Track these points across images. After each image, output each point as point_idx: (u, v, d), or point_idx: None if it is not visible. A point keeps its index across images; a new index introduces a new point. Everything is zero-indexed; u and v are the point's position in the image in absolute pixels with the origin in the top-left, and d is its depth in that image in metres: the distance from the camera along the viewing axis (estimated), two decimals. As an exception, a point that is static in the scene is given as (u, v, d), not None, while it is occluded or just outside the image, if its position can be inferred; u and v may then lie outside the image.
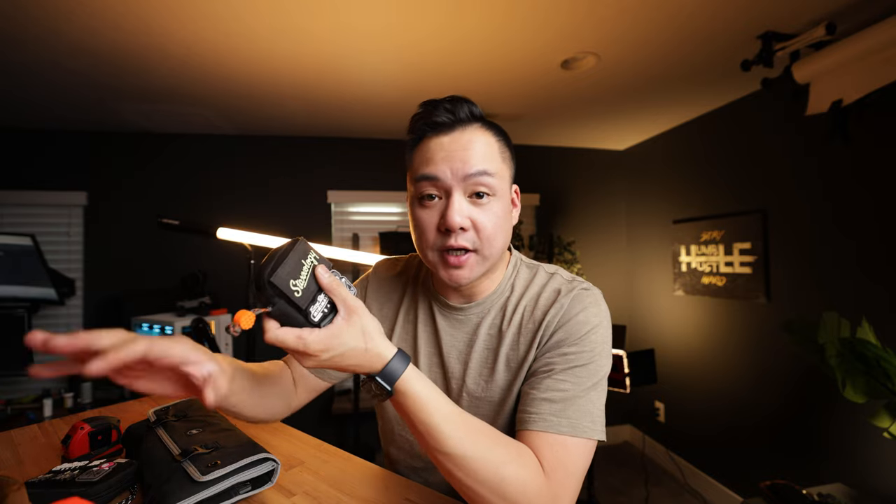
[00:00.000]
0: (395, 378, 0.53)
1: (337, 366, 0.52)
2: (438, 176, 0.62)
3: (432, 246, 0.65)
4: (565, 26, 1.59)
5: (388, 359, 0.53)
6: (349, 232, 2.98)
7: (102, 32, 1.59)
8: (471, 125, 0.65)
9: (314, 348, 0.48)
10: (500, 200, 0.65)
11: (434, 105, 0.65)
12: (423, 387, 0.54)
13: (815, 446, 1.94)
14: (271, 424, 0.94)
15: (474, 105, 0.66)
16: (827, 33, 1.51)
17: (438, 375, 0.73)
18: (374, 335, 0.52)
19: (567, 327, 0.63)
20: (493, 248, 0.65)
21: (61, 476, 0.63)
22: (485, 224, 0.63)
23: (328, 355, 0.50)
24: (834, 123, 1.75)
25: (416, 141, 0.67)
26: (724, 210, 2.44)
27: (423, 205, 0.65)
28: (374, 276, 0.84)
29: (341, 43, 1.70)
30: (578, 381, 0.60)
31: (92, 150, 2.68)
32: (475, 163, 0.62)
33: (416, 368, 0.55)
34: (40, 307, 2.51)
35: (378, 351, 0.52)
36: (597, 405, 0.61)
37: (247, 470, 0.64)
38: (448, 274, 0.65)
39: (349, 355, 0.51)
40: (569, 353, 0.62)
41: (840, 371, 1.44)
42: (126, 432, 0.80)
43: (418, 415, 0.53)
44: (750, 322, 2.28)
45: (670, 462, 2.81)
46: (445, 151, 0.63)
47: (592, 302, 0.65)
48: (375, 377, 0.53)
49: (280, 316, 0.49)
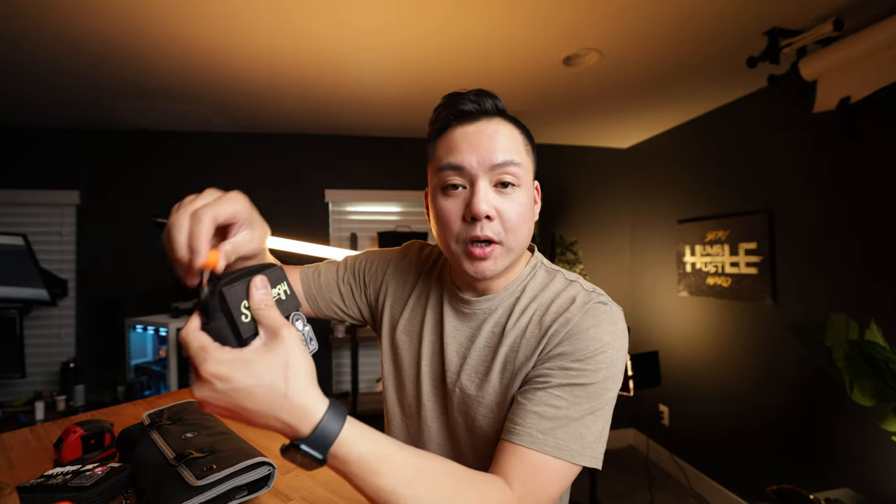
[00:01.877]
0: (329, 443, 0.41)
1: (237, 409, 0.39)
2: (464, 165, 0.62)
3: (457, 237, 0.64)
4: (567, 22, 1.59)
5: (317, 418, 0.40)
6: (347, 231, 2.98)
7: (102, 32, 1.60)
8: (496, 117, 0.65)
9: (210, 369, 0.37)
10: (524, 192, 0.64)
11: (459, 96, 0.65)
12: (370, 447, 0.44)
13: (823, 450, 1.94)
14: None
15: (498, 99, 0.66)
16: (834, 29, 1.51)
17: (437, 366, 0.73)
18: (300, 377, 0.40)
19: (574, 341, 0.60)
20: (518, 240, 0.64)
21: (53, 481, 0.63)
22: (510, 214, 0.62)
23: (226, 386, 0.38)
24: (842, 121, 1.74)
25: (439, 131, 0.67)
26: (729, 209, 2.44)
27: (446, 195, 0.65)
28: (400, 255, 0.84)
29: (340, 40, 1.71)
30: (575, 400, 0.57)
31: (87, 149, 2.69)
32: (501, 152, 0.62)
33: (355, 420, 0.44)
34: (32, 308, 2.52)
35: (303, 402, 0.40)
36: (592, 430, 0.57)
37: (243, 474, 0.64)
38: (473, 266, 0.64)
39: (258, 396, 0.38)
40: (570, 368, 0.59)
41: (848, 374, 1.44)
42: (119, 436, 0.79)
43: (367, 479, 0.43)
44: (756, 324, 2.27)
45: (674, 466, 2.81)
46: (470, 141, 0.63)
47: (608, 319, 0.62)
48: (300, 445, 0.40)
49: (214, 334, 0.40)
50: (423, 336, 0.74)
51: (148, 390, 2.36)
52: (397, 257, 0.84)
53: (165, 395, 1.14)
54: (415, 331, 0.76)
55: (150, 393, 2.35)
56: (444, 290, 0.75)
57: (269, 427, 0.40)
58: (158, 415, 0.81)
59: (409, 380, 0.75)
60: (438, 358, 0.72)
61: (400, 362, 0.77)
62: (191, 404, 0.87)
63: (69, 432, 0.78)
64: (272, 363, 0.39)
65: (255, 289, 0.42)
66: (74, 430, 0.79)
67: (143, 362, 2.44)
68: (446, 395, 0.71)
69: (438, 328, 0.73)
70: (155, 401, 1.09)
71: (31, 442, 0.87)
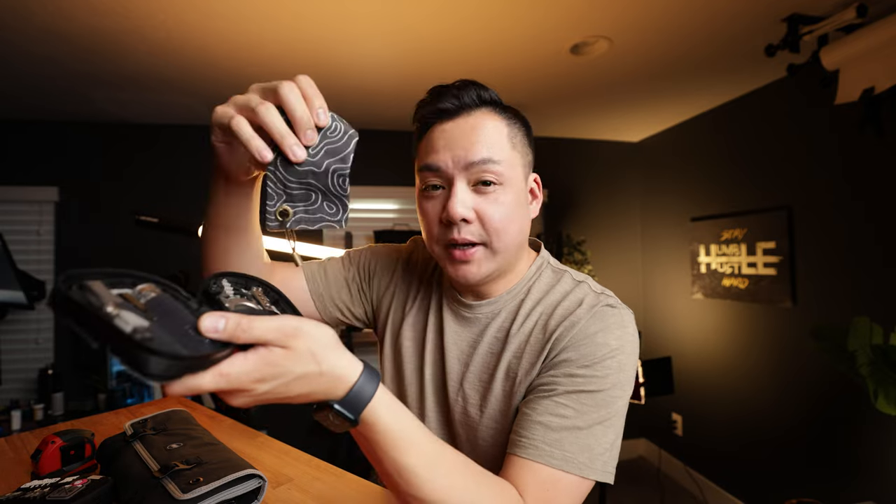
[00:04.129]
0: (362, 406, 0.43)
1: (282, 398, 0.42)
2: (439, 165, 0.62)
3: (437, 240, 0.65)
4: (575, 8, 1.59)
5: (351, 381, 0.43)
6: (342, 230, 2.98)
7: (76, 16, 1.59)
8: (477, 110, 0.64)
9: (242, 380, 0.38)
10: (509, 190, 0.63)
11: (441, 91, 0.65)
12: (397, 417, 0.46)
13: (845, 462, 1.94)
14: (257, 438, 0.93)
15: (485, 89, 0.65)
16: (857, 16, 1.50)
17: (439, 374, 0.72)
18: (328, 352, 0.42)
19: (581, 346, 0.59)
20: (504, 242, 0.63)
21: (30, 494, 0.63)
22: (491, 215, 0.62)
23: (266, 386, 0.39)
24: (865, 113, 1.74)
25: (422, 130, 0.67)
26: (746, 207, 2.44)
27: (426, 196, 0.65)
28: (407, 254, 0.83)
29: (334, 27, 1.70)
30: (583, 409, 0.57)
31: (64, 143, 2.68)
32: (478, 150, 0.61)
33: (387, 391, 0.47)
34: (8, 311, 2.51)
35: (337, 372, 0.42)
36: (601, 441, 0.57)
37: (231, 487, 0.64)
38: (455, 270, 0.64)
39: (297, 384, 0.41)
40: (577, 375, 0.58)
41: (872, 380, 1.44)
42: (101, 447, 0.79)
43: (389, 452, 0.46)
44: (774, 328, 2.27)
45: (688, 478, 2.81)
46: (447, 139, 0.63)
47: (617, 323, 0.61)
48: (333, 405, 0.43)
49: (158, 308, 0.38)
50: (427, 342, 0.74)
51: (130, 398, 2.36)
52: (405, 256, 0.83)
53: (149, 404, 1.14)
54: (418, 337, 0.75)
55: (132, 401, 2.35)
56: (444, 293, 0.75)
57: (308, 399, 0.43)
58: (142, 424, 0.81)
59: (411, 388, 0.75)
60: (440, 366, 0.72)
61: (402, 369, 0.76)
62: (176, 413, 0.87)
63: (47, 443, 0.78)
64: (299, 358, 0.40)
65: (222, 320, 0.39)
66: (53, 440, 0.79)
67: (125, 369, 2.44)
68: (448, 405, 0.71)
69: (439, 334, 0.73)
70: (138, 409, 1.09)
71: (7, 453, 0.87)
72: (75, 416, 2.25)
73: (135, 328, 0.33)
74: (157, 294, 0.40)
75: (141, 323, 0.34)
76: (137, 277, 0.40)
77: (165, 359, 0.33)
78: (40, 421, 2.29)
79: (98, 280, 0.36)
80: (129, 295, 0.38)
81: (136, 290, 0.39)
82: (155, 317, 0.37)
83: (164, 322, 0.37)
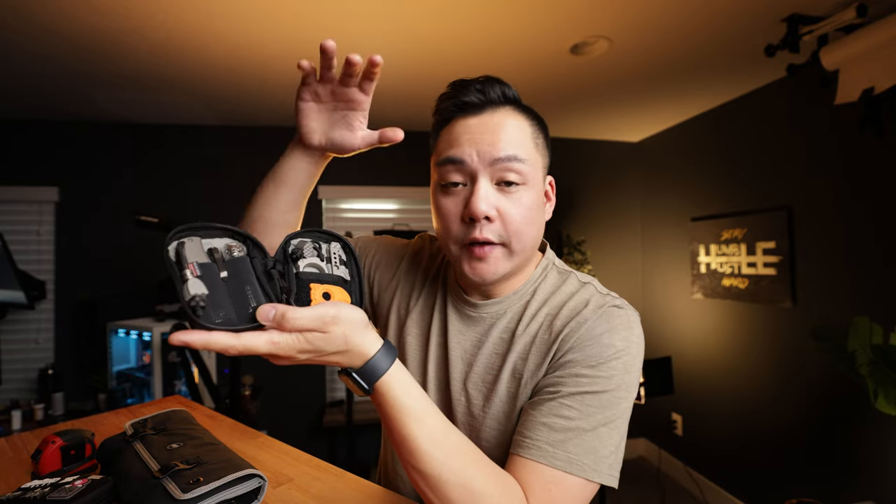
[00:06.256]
0: (376, 377, 0.51)
1: (316, 363, 0.52)
2: (464, 159, 0.61)
3: (455, 238, 0.64)
4: (575, 8, 1.59)
5: (369, 356, 0.51)
6: (341, 230, 2.98)
7: (77, 15, 1.59)
8: (502, 107, 0.64)
9: (287, 350, 0.48)
10: (531, 190, 0.63)
11: (464, 85, 0.64)
12: (406, 391, 0.52)
13: (845, 462, 1.94)
14: (258, 438, 0.93)
15: (508, 86, 0.65)
16: (857, 16, 1.51)
17: (442, 373, 0.72)
18: (357, 333, 0.50)
19: (586, 347, 0.59)
20: (523, 243, 0.63)
21: (31, 494, 0.63)
22: (513, 215, 0.61)
23: (305, 357, 0.49)
24: (865, 113, 1.74)
25: (441, 123, 0.67)
26: (746, 207, 2.44)
27: (446, 192, 0.64)
28: (413, 249, 0.83)
29: (334, 27, 1.71)
30: (587, 410, 0.56)
31: (65, 143, 2.69)
32: (504, 146, 0.60)
33: (403, 367, 0.54)
34: (8, 311, 2.51)
35: (358, 349, 0.50)
36: (606, 443, 0.56)
37: (231, 487, 0.64)
38: (472, 268, 0.63)
39: (329, 357, 0.50)
40: (582, 375, 0.58)
41: (872, 380, 1.44)
42: (101, 447, 0.79)
43: (397, 422, 0.52)
44: (774, 328, 2.28)
45: (688, 478, 2.81)
46: (472, 133, 0.62)
47: (623, 324, 0.61)
48: (352, 373, 0.52)
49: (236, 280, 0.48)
50: (430, 340, 0.73)
51: (131, 398, 2.36)
52: (411, 251, 0.83)
53: (149, 404, 1.14)
54: (422, 334, 0.75)
55: (133, 401, 2.35)
56: (449, 291, 0.74)
57: (334, 365, 0.52)
58: (142, 424, 0.81)
59: None
60: (443, 364, 0.72)
61: (405, 366, 0.76)
62: (176, 413, 0.87)
63: (47, 443, 0.78)
64: (334, 340, 0.49)
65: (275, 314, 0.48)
66: (53, 440, 0.79)
67: (125, 368, 2.44)
68: (451, 404, 0.71)
69: (443, 332, 0.73)
70: (138, 409, 1.09)
71: (7, 453, 0.87)
72: (75, 416, 2.26)
73: (194, 296, 0.43)
74: (242, 255, 0.50)
75: (201, 291, 0.44)
76: (233, 233, 0.51)
77: (201, 328, 0.43)
78: (40, 421, 2.30)
79: (197, 236, 0.48)
80: (218, 251, 0.49)
81: (224, 245, 0.50)
82: (229, 277, 0.48)
83: (233, 283, 0.48)
